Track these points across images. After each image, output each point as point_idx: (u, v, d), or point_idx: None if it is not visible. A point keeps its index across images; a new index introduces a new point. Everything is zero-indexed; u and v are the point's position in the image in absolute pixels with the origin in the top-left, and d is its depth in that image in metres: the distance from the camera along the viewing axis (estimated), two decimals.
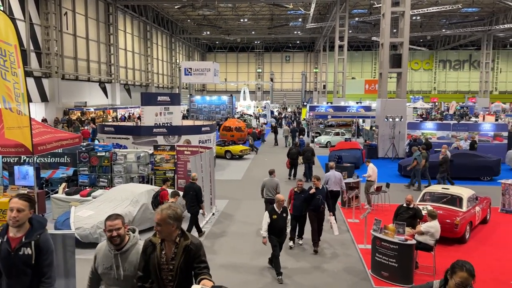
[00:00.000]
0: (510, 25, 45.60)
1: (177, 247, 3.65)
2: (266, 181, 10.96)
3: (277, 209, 8.11)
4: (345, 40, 45.11)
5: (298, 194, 9.55)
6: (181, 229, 3.73)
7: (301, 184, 9.64)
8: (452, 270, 3.53)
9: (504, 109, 49.84)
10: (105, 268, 3.93)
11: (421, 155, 16.04)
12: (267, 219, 8.00)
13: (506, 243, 9.87)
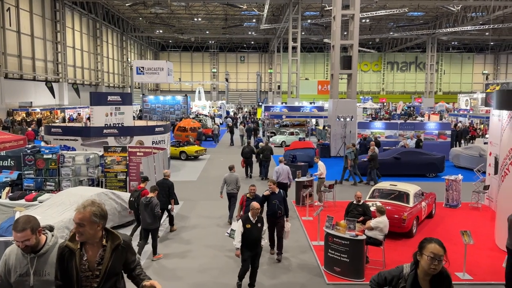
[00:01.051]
0: (452, 29, 48.33)
1: (105, 250, 3.20)
2: (227, 176, 11.76)
3: (252, 218, 7.44)
4: (298, 41, 45.88)
5: (251, 200, 8.88)
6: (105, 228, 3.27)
7: (253, 189, 9.25)
8: (420, 247, 3.38)
9: (448, 109, 52.78)
10: (20, 276, 3.37)
11: (352, 152, 16.72)
12: (240, 229, 7.38)
13: (450, 236, 10.41)
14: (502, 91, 11.34)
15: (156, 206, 8.82)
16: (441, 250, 3.29)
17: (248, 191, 9.28)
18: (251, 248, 7.39)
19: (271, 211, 8.97)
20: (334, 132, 23.69)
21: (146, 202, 8.85)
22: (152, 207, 8.77)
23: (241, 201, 9.36)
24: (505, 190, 9.67)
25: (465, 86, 73.52)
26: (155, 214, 8.83)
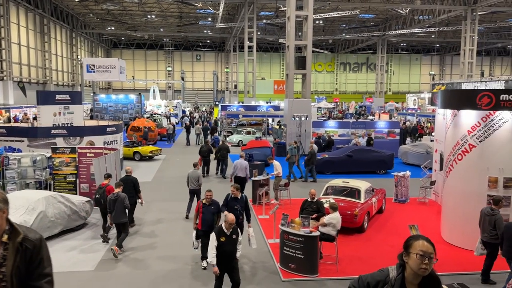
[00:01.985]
0: (401, 31, 50.39)
1: (7, 247, 2.54)
2: (190, 173, 12.07)
3: (226, 230, 6.87)
4: (254, 41, 46.09)
5: (208, 207, 8.51)
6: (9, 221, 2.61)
7: (209, 195, 8.59)
8: (406, 246, 3.00)
9: (397, 108, 54.94)
10: None
11: (294, 148, 17.26)
12: (213, 242, 6.80)
13: (399, 230, 10.86)
14: (445, 91, 11.98)
15: (125, 199, 9.28)
16: (430, 247, 2.93)
17: (204, 197, 8.68)
18: (226, 262, 6.87)
19: None
20: (290, 131, 24.00)
21: (114, 198, 9.23)
22: (121, 201, 9.19)
23: (196, 208, 8.68)
24: (450, 185, 10.22)
25: (413, 86, 76.88)
26: (125, 208, 9.30)
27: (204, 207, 8.51)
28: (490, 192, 9.25)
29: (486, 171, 9.25)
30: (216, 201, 8.68)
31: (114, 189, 9.62)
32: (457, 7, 38.22)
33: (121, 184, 9.76)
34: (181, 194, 14.81)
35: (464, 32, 38.93)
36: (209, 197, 8.58)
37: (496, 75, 69.51)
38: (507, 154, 9.15)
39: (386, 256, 9.23)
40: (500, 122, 9.13)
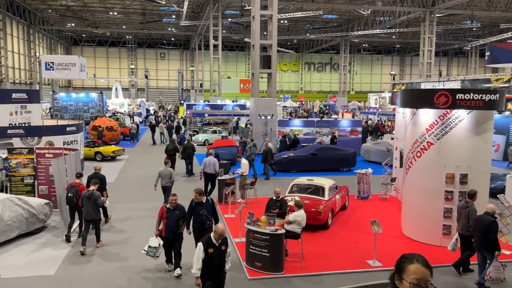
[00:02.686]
0: (363, 32, 51.62)
1: None
2: (162, 170, 12.30)
3: (215, 240, 6.36)
4: (219, 39, 45.88)
5: (172, 212, 8.03)
6: None
7: (174, 200, 8.12)
8: (399, 269, 2.51)
9: (359, 107, 56.29)
10: None
11: (252, 147, 17.52)
12: (200, 254, 6.26)
13: (361, 226, 11.14)
14: (405, 91, 12.37)
15: (98, 197, 9.47)
16: (427, 272, 2.42)
17: (169, 202, 8.18)
18: (213, 276, 6.38)
19: (198, 222, 8.14)
20: (256, 130, 24.08)
21: (88, 195, 9.40)
22: (95, 198, 9.38)
23: (160, 213, 8.14)
24: (409, 181, 10.57)
25: (375, 86, 78.95)
26: (98, 205, 9.48)
27: (168, 212, 8.03)
28: (448, 188, 9.64)
29: (444, 167, 9.63)
30: (181, 206, 8.25)
31: (90, 186, 9.82)
32: (416, 9, 39.56)
33: (97, 182, 9.93)
34: (145, 195, 14.59)
35: (423, 33, 40.34)
36: (173, 202, 8.10)
37: (453, 75, 72.57)
38: (463, 151, 9.56)
39: (350, 252, 9.45)
40: (456, 121, 9.52)
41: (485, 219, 7.71)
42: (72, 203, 9.96)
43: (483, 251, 7.79)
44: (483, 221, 7.72)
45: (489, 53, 33.10)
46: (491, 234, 7.58)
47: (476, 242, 7.90)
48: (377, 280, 5.61)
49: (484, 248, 7.74)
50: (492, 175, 13.28)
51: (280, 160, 19.36)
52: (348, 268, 8.58)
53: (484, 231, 7.62)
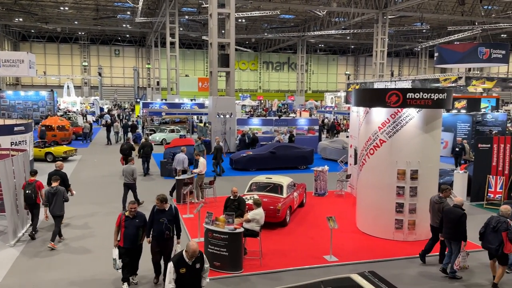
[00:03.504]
0: (319, 32, 52.64)
1: None
2: (125, 167, 12.49)
3: (188, 259, 5.79)
4: (176, 37, 45.24)
5: (131, 220, 7.39)
6: None
7: (134, 207, 7.46)
8: None
9: (316, 106, 57.41)
10: None
11: (201, 145, 17.72)
12: (171, 275, 5.72)
13: (319, 222, 11.36)
14: (358, 90, 12.73)
15: (64, 192, 9.64)
16: None
17: (127, 209, 7.54)
18: None
19: (156, 231, 7.47)
20: (215, 129, 23.96)
21: (53, 191, 9.51)
22: (60, 194, 9.54)
23: (118, 222, 7.46)
24: (363, 178, 10.90)
25: (331, 85, 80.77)
26: (64, 201, 9.63)
27: (127, 220, 7.35)
28: (399, 183, 10.03)
29: (395, 164, 10.01)
30: (142, 213, 7.62)
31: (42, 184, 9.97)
32: (369, 11, 40.82)
33: (58, 178, 9.99)
34: (100, 196, 14.16)
35: (376, 34, 41.71)
36: (133, 210, 7.42)
37: (404, 75, 75.56)
38: (413, 148, 9.97)
39: (307, 248, 9.61)
40: (407, 119, 9.92)
41: (456, 212, 8.14)
42: (31, 200, 9.92)
43: (452, 241, 8.20)
44: (454, 213, 8.14)
45: (437, 54, 34.68)
46: (461, 225, 8.01)
47: (446, 233, 8.29)
48: (333, 275, 5.75)
49: (453, 238, 8.15)
50: (440, 170, 13.96)
51: (239, 158, 19.39)
52: (306, 264, 8.73)
53: (455, 222, 8.05)
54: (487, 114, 25.04)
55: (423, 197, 9.98)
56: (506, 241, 7.42)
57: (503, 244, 7.45)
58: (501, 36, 58.17)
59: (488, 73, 39.25)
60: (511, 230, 7.42)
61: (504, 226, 7.45)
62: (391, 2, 38.91)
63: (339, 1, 40.15)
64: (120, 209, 12.17)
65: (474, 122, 23.41)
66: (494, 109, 28.86)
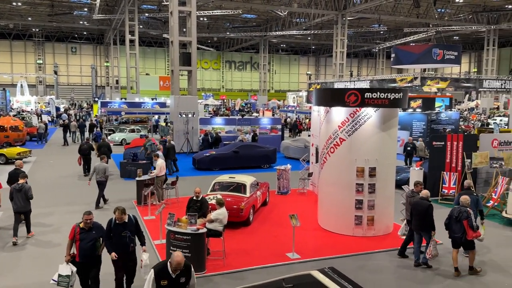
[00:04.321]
0: (281, 33, 53.11)
1: None
2: (97, 165, 12.75)
3: (171, 271, 5.25)
4: (136, 34, 44.29)
5: (87, 233, 6.68)
6: None
7: (89, 219, 6.71)
8: None
9: (279, 105, 57.92)
10: None
11: (152, 144, 17.77)
12: (150, 285, 5.22)
13: (281, 221, 11.46)
14: (319, 90, 12.95)
15: (29, 189, 9.79)
16: None
17: (83, 220, 6.76)
18: None
19: (120, 247, 6.81)
20: (177, 129, 23.66)
21: (18, 188, 9.72)
22: (25, 191, 9.72)
23: (71, 235, 6.73)
24: (324, 176, 11.11)
25: (293, 85, 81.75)
26: (29, 198, 9.78)
27: (82, 232, 6.66)
28: (358, 181, 10.29)
29: (354, 162, 10.26)
30: (98, 224, 6.92)
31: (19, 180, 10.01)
32: (329, 12, 41.62)
33: (25, 175, 10.21)
34: (57, 198, 13.65)
35: (335, 35, 42.59)
36: (88, 221, 6.70)
37: (363, 75, 77.65)
38: (371, 146, 10.27)
39: (270, 246, 9.68)
40: (365, 118, 10.19)
41: (423, 204, 8.56)
42: None
43: (421, 231, 8.60)
44: (421, 205, 8.56)
45: (394, 55, 35.91)
46: (428, 216, 8.42)
47: (415, 224, 8.71)
48: (295, 272, 5.83)
49: (422, 229, 8.56)
50: (397, 168, 14.45)
51: (202, 158, 19.24)
52: (269, 262, 8.79)
53: (423, 214, 8.46)
54: (441, 113, 26.15)
55: (381, 193, 10.31)
56: (467, 229, 8.00)
57: (466, 232, 8.02)
58: (454, 38, 61.02)
59: (442, 73, 40.99)
60: (471, 218, 8.03)
61: (465, 215, 8.05)
62: (350, 4, 39.85)
63: (300, 2, 40.66)
64: (79, 210, 11.75)
65: (429, 121, 24.38)
66: (448, 108, 30.24)
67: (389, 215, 10.74)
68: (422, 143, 20.94)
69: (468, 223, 8.00)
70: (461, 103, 54.89)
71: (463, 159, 13.97)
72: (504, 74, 53.73)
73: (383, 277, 8.33)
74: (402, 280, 8.23)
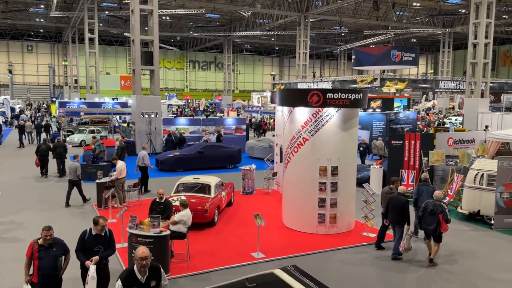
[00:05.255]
0: (245, 33, 53.17)
1: None
2: (69, 164, 13.05)
3: (140, 274, 4.88)
4: (95, 33, 43.06)
5: (46, 250, 5.92)
6: None
7: (49, 235, 5.94)
8: None
9: (244, 106, 57.97)
10: None
11: (101, 144, 17.68)
12: None
13: (246, 221, 11.47)
14: (282, 90, 13.08)
15: None
16: None
17: (41, 237, 5.99)
18: None
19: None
20: (139, 129, 23.19)
21: None
22: None
23: (29, 252, 5.97)
24: (288, 175, 11.23)
25: (257, 85, 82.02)
26: None
27: (41, 250, 5.89)
28: (321, 179, 10.46)
29: (317, 161, 10.43)
30: (60, 240, 6.16)
31: None
32: (292, 13, 42.08)
33: None
34: (19, 204, 13.06)
35: (298, 36, 43.11)
36: (48, 237, 5.94)
37: (326, 76, 79.05)
38: (333, 146, 10.47)
39: (235, 247, 9.68)
40: (327, 118, 10.38)
41: (400, 199, 9.06)
42: None
43: (397, 225, 9.07)
44: (398, 200, 9.05)
45: (354, 57, 36.78)
46: (405, 211, 8.94)
47: (392, 218, 9.17)
48: (260, 271, 5.84)
49: (398, 223, 9.04)
50: (358, 166, 14.86)
51: (165, 159, 18.97)
52: (234, 263, 8.78)
53: (400, 209, 8.95)
54: (399, 113, 27.02)
55: (343, 191, 10.54)
56: (442, 222, 8.53)
57: (440, 224, 8.54)
58: (412, 41, 63.20)
59: (400, 74, 42.42)
60: (446, 212, 8.60)
61: (439, 209, 8.58)
62: (312, 5, 40.47)
63: (263, 3, 40.86)
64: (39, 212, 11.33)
65: (388, 121, 25.13)
66: (406, 108, 31.29)
67: (350, 212, 11.00)
68: (382, 142, 21.56)
69: (443, 217, 8.53)
70: (418, 103, 56.95)
71: (420, 157, 14.50)
72: (459, 75, 56.20)
73: (344, 273, 8.52)
74: (363, 275, 8.44)
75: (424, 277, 8.35)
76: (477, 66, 28.22)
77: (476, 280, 8.30)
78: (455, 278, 8.34)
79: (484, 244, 10.29)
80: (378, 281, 8.22)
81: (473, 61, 28.55)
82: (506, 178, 11.13)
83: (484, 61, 28.31)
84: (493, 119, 27.15)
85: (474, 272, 8.63)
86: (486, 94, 29.14)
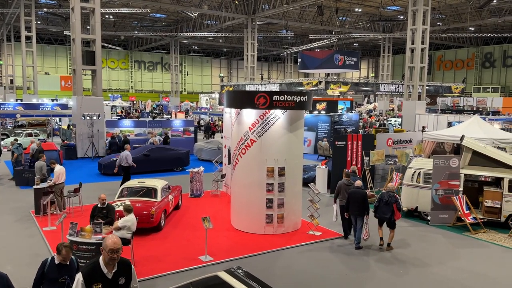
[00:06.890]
0: (192, 34, 52.59)
1: None
2: (36, 164, 13.52)
3: (106, 268, 4.27)
4: (33, 31, 40.72)
5: None
6: None
7: None
8: None
9: (192, 107, 57.32)
10: None
11: (19, 147, 17.40)
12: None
13: (194, 224, 11.33)
14: (229, 92, 13.07)
15: None
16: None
17: None
18: None
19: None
20: (80, 132, 22.22)
21: None
22: None
23: None
24: (237, 177, 11.23)
25: (206, 87, 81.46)
26: None
27: None
28: (269, 180, 10.57)
29: (265, 162, 10.53)
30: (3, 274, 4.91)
31: None
32: (239, 16, 42.24)
33: None
34: None
35: (246, 39, 43.35)
36: None
37: (273, 78, 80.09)
38: (280, 147, 10.62)
39: (183, 251, 9.53)
40: (274, 120, 10.51)
41: (360, 192, 9.89)
42: None
43: (358, 216, 9.76)
44: (359, 193, 9.85)
45: (300, 60, 37.54)
46: (365, 203, 9.71)
47: (353, 210, 9.84)
48: (208, 273, 5.79)
49: (360, 214, 9.74)
50: (304, 166, 15.19)
51: (109, 163, 18.28)
52: (181, 267, 8.64)
53: (360, 201, 9.72)
54: (343, 114, 27.98)
55: (290, 192, 10.72)
56: (396, 211, 9.61)
57: (394, 213, 9.60)
58: (354, 45, 65.68)
59: (344, 78, 43.99)
60: (399, 202, 9.74)
61: (393, 199, 9.64)
62: (259, 8, 40.87)
63: (210, 4, 40.67)
64: None
65: (332, 122, 25.94)
66: (349, 110, 32.47)
67: (297, 212, 11.21)
68: (327, 143, 22.20)
69: (397, 206, 9.62)
70: (360, 105, 59.24)
71: (362, 157, 15.08)
72: (398, 78, 59.07)
73: (290, 271, 8.65)
74: (309, 273, 8.63)
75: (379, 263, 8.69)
76: (415, 70, 29.84)
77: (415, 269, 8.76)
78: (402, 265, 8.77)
79: (422, 238, 10.88)
80: (322, 278, 8.43)
81: (411, 65, 30.16)
82: (440, 176, 11.85)
83: (421, 65, 30.00)
84: (430, 120, 28.82)
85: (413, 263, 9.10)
86: (423, 96, 30.86)
